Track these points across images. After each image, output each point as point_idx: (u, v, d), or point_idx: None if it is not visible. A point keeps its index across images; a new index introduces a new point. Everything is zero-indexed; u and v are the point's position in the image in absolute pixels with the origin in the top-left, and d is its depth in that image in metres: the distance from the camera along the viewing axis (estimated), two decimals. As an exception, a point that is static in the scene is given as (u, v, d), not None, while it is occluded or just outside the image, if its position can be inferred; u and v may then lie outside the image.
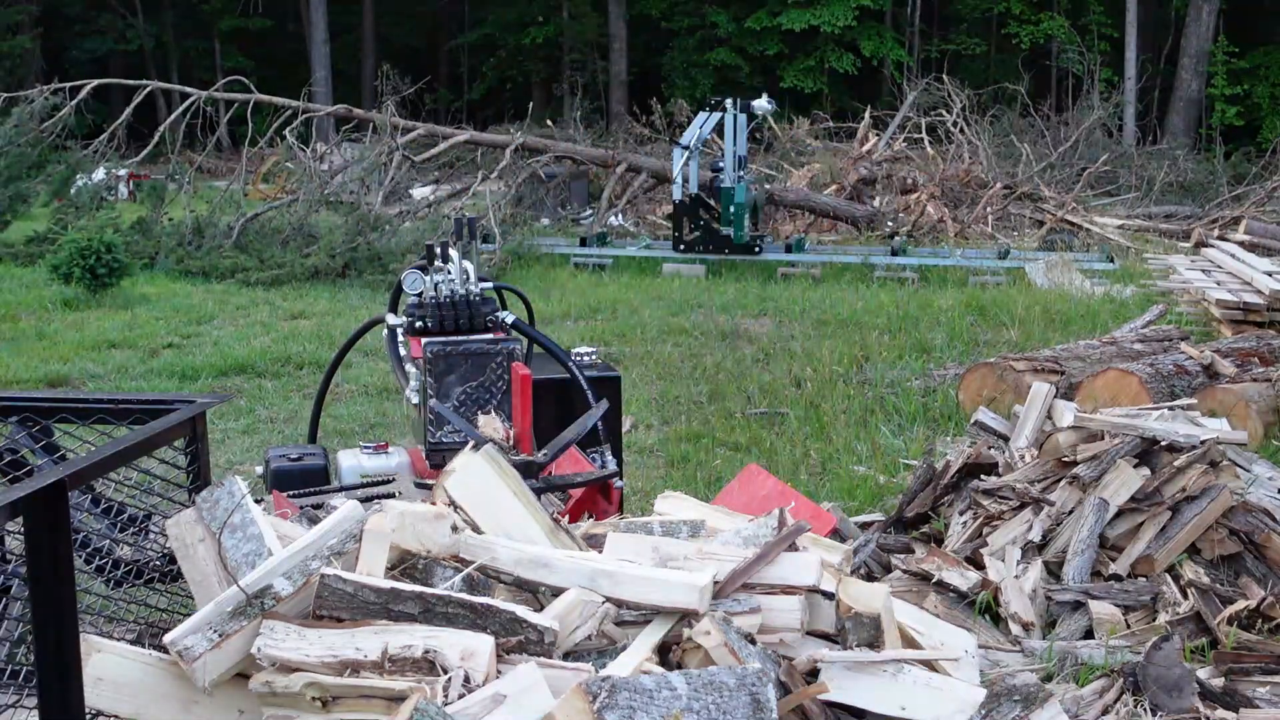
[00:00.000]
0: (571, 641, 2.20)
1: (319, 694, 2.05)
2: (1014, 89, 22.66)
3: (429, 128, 17.33)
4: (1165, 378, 6.56)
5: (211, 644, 2.17)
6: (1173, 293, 10.30)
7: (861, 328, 10.08)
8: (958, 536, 4.61)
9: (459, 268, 4.24)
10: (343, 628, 2.14)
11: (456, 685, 1.99)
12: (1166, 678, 3.40)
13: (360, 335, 4.90)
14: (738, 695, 1.96)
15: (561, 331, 10.03)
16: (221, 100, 17.60)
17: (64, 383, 8.46)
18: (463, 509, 2.45)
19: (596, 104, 31.21)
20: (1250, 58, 30.15)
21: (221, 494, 2.49)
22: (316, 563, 2.27)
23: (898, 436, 6.81)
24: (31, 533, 2.01)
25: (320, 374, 6.82)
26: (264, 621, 2.16)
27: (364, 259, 13.06)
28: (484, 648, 2.06)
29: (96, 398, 2.78)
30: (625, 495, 4.43)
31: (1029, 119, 22.37)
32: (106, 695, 2.20)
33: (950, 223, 15.97)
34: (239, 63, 32.49)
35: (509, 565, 2.29)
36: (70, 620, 2.04)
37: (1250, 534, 4.38)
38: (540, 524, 2.49)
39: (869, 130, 19.19)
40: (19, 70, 31.77)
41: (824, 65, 31.94)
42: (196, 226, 14.25)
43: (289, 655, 2.09)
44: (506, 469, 2.55)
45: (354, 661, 2.07)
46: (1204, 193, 19.56)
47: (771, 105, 14.24)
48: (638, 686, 1.96)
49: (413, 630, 2.12)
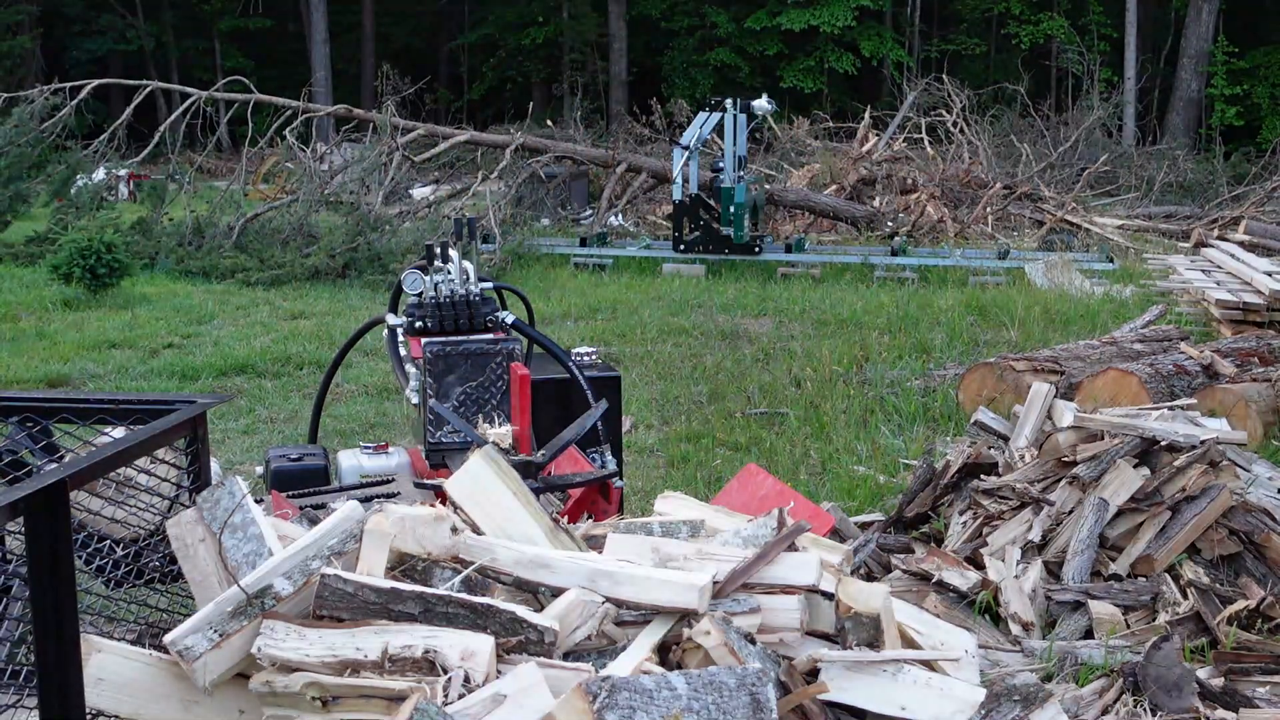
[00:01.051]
0: (571, 641, 2.20)
1: (319, 694, 2.05)
2: (1014, 89, 22.67)
3: (429, 128, 17.33)
4: (1165, 378, 6.56)
5: (212, 644, 2.18)
6: (1172, 293, 10.29)
7: (861, 328, 10.08)
8: (958, 536, 4.61)
9: (459, 268, 4.24)
10: (343, 628, 2.14)
11: (456, 685, 2.00)
12: (1166, 678, 3.41)
13: (360, 335, 4.91)
14: (738, 695, 1.96)
15: (561, 331, 10.03)
16: (221, 100, 17.60)
17: (64, 383, 8.46)
18: (463, 510, 2.45)
19: (596, 104, 31.21)
20: (1250, 58, 30.15)
21: (222, 494, 2.49)
22: (317, 563, 2.27)
23: (898, 436, 6.81)
24: (31, 533, 2.01)
25: (320, 374, 6.83)
26: (264, 621, 2.16)
27: (364, 259, 13.06)
28: (484, 648, 2.06)
29: (96, 398, 2.78)
30: (625, 495, 4.43)
31: (1029, 119, 22.38)
32: (107, 695, 2.21)
33: (950, 223, 15.97)
34: (239, 63, 32.52)
35: (509, 566, 2.29)
36: (70, 620, 2.04)
37: (1250, 534, 4.38)
38: (540, 524, 2.49)
39: (869, 130, 19.19)
40: (19, 70, 31.77)
41: (824, 65, 31.95)
42: (196, 226, 14.25)
43: (289, 655, 2.09)
44: (506, 470, 2.54)
45: (354, 661, 2.07)
46: (1204, 193, 19.57)
47: (771, 105, 14.24)
48: (638, 686, 1.96)
49: (413, 630, 2.12)
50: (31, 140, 15.37)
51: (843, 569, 2.80)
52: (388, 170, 15.59)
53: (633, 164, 17.38)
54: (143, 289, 12.24)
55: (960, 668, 2.65)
